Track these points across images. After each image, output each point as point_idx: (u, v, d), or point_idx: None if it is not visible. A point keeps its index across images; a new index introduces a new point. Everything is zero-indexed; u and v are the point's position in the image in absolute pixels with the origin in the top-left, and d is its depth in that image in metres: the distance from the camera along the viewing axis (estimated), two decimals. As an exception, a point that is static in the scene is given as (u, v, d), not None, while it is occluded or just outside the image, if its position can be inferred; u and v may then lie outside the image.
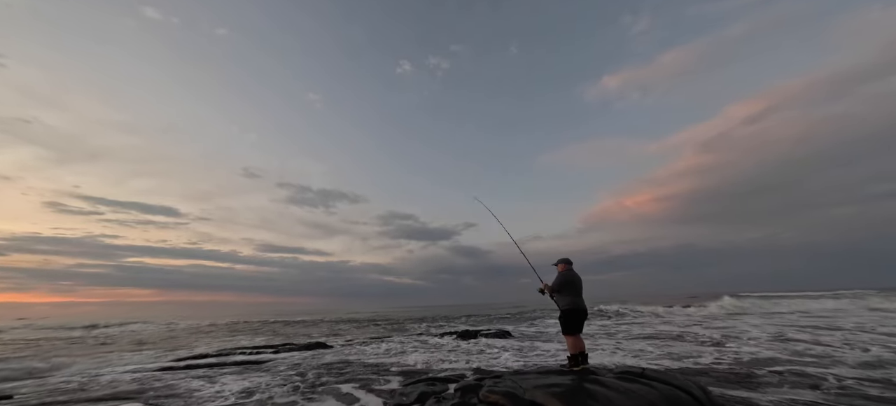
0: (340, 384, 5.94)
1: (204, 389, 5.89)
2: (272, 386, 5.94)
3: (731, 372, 5.68)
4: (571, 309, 4.29)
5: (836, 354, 6.69)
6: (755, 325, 12.17)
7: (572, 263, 4.66)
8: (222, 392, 5.68)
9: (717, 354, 7.23)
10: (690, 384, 3.58)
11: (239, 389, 5.75)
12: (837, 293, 24.38)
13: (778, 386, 4.75)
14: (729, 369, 5.88)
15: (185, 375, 7.22)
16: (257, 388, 5.79)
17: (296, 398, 5.17)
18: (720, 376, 5.36)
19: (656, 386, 3.35)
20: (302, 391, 5.55)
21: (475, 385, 4.26)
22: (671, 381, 3.52)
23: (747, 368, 5.87)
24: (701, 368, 6.03)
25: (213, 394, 5.60)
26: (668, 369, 5.81)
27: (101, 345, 14.15)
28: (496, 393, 3.58)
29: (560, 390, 3.23)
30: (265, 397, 5.30)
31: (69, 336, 17.43)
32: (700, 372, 5.70)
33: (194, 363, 8.87)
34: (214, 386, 6.10)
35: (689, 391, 3.34)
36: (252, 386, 5.98)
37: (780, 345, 8.09)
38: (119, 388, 6.31)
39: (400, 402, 4.51)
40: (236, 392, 5.63)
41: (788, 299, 21.90)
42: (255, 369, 7.72)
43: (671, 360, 6.90)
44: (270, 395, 5.40)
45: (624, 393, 3.12)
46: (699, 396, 3.32)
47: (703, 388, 3.59)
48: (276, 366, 8.07)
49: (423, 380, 5.36)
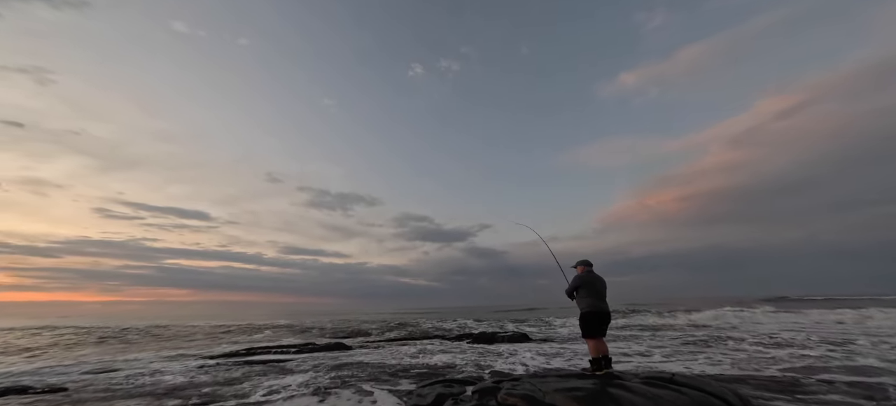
0: (359, 384, 6.02)
1: (234, 387, 6.16)
2: (292, 385, 6.12)
3: (773, 379, 5.25)
4: (590, 311, 4.14)
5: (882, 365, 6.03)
6: (803, 329, 11.22)
7: (592, 265, 4.52)
8: (251, 390, 5.92)
9: (758, 360, 6.72)
10: (726, 391, 3.32)
11: (265, 390, 5.97)
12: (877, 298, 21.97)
13: (825, 394, 4.33)
14: (770, 376, 5.44)
15: (217, 371, 7.59)
16: (281, 387, 5.99)
17: (316, 398, 5.29)
18: (759, 384, 4.96)
19: (687, 392, 3.14)
20: (322, 391, 5.68)
21: (493, 387, 4.17)
22: (704, 388, 3.28)
23: (793, 375, 5.41)
24: (738, 375, 5.62)
25: (242, 391, 5.84)
26: (702, 374, 5.46)
27: (149, 340, 15.19)
28: (514, 395, 3.49)
29: (581, 394, 3.10)
30: (288, 395, 5.46)
31: (114, 333, 18.84)
32: (737, 379, 5.30)
33: (224, 361, 9.31)
34: (242, 384, 6.37)
35: (725, 398, 3.10)
36: (276, 384, 6.20)
37: (829, 354, 7.40)
38: (162, 383, 6.72)
39: (417, 402, 4.49)
40: (263, 391, 5.85)
41: (833, 305, 19.97)
42: (278, 368, 7.99)
43: (710, 365, 6.48)
44: (292, 394, 5.57)
45: (651, 399, 2.94)
46: (733, 402, 3.08)
47: (739, 395, 3.32)
48: (298, 365, 8.31)
49: (441, 381, 5.32)
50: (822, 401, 4.14)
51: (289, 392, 5.66)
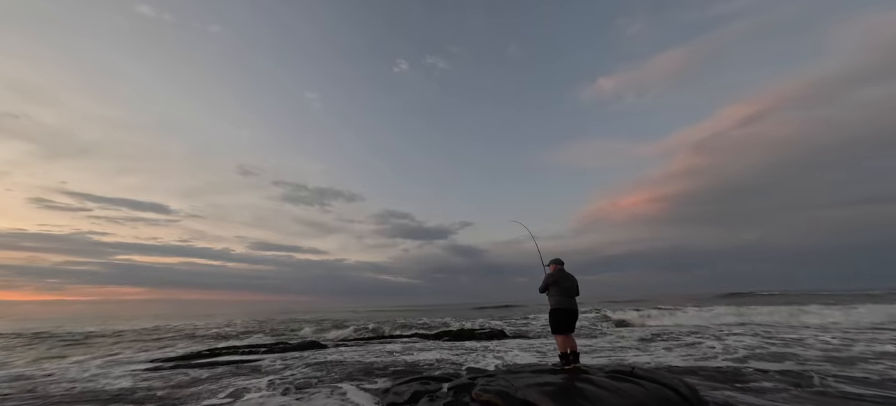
0: (333, 383, 5.93)
1: (193, 389, 5.82)
2: (262, 385, 5.90)
3: (718, 370, 5.81)
4: (559, 308, 4.37)
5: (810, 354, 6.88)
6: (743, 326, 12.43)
7: (564, 264, 4.74)
8: (213, 392, 5.63)
9: (705, 352, 7.38)
10: (678, 382, 3.65)
11: (230, 390, 5.70)
12: (821, 295, 24.83)
13: (759, 382, 4.88)
14: (716, 367, 6.02)
15: (175, 374, 7.13)
16: (248, 388, 5.74)
17: (286, 399, 5.14)
18: (708, 375, 5.48)
19: (645, 384, 3.42)
20: (294, 391, 5.52)
21: (468, 383, 4.29)
22: (659, 379, 3.59)
23: (736, 366, 6.02)
24: (690, 367, 6.16)
25: (200, 393, 5.54)
26: (658, 367, 5.92)
27: (86, 343, 13.87)
28: (489, 391, 3.61)
29: (551, 389, 3.28)
30: (256, 397, 5.26)
31: (53, 334, 17.05)
32: (688, 370, 5.81)
33: (184, 363, 8.76)
34: (202, 386, 6.04)
35: (677, 389, 3.42)
36: (243, 386, 5.93)
37: (769, 345, 8.29)
38: (105, 388, 6.21)
39: (393, 401, 4.51)
40: (227, 392, 5.58)
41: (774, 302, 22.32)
42: (246, 369, 7.66)
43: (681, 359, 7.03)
44: (261, 394, 5.37)
45: (614, 391, 3.18)
46: (686, 394, 3.40)
47: (689, 386, 3.67)
48: (268, 365, 8.01)
49: (417, 379, 5.37)
50: (756, 388, 4.66)
51: (256, 393, 5.44)
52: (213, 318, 28.75)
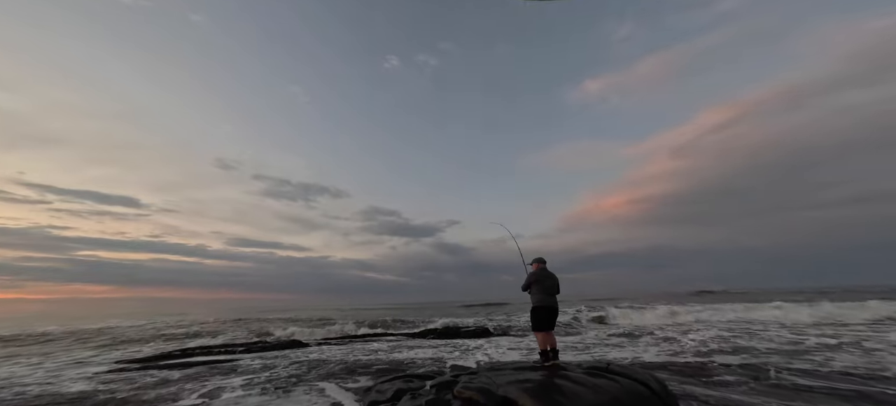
0: (314, 382, 5.84)
1: (161, 390, 5.57)
2: (238, 385, 5.72)
3: (687, 364, 6.16)
4: (540, 306, 4.48)
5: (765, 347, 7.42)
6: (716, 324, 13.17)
7: (546, 262, 4.86)
8: (183, 393, 5.41)
9: (676, 349, 7.79)
10: (650, 377, 3.85)
11: (203, 390, 5.50)
12: (783, 292, 26.60)
13: (722, 376, 5.21)
14: (685, 362, 6.38)
15: (142, 376, 6.80)
16: (223, 388, 5.56)
17: (264, 398, 5.02)
18: (677, 370, 5.79)
19: (619, 379, 3.57)
20: (273, 391, 5.40)
21: (451, 381, 4.34)
22: (633, 375, 3.76)
23: (702, 361, 6.39)
24: (661, 362, 6.48)
25: (168, 395, 5.31)
26: (632, 362, 6.20)
27: (43, 344, 12.95)
28: (471, 389, 3.67)
29: (531, 386, 3.37)
30: (232, 397, 5.10)
31: (4, 337, 15.80)
32: (659, 365, 6.13)
33: (153, 363, 8.37)
34: (172, 387, 5.79)
35: (648, 384, 3.60)
36: (218, 386, 5.74)
37: (735, 341, 8.83)
38: (61, 391, 5.84)
39: (375, 399, 4.50)
40: (200, 393, 5.38)
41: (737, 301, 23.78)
42: (222, 369, 7.41)
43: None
44: (237, 395, 5.21)
45: (590, 387, 3.31)
46: (656, 389, 3.58)
47: (660, 381, 3.87)
48: (246, 365, 7.78)
49: (400, 376, 5.37)
50: (719, 382, 4.98)
51: (231, 393, 5.27)
52: (187, 317, 27.48)
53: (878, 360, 5.99)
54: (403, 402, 4.07)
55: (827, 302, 16.37)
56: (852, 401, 3.99)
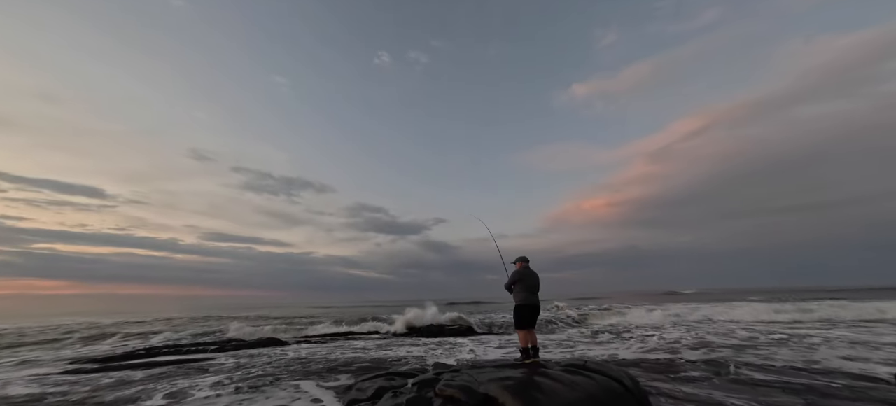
0: (292, 380, 5.68)
1: (121, 392, 5.24)
2: (208, 385, 5.47)
3: (657, 361, 6.48)
4: (524, 304, 4.57)
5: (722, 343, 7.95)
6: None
7: (529, 261, 4.96)
8: (146, 395, 5.11)
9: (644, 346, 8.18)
10: (623, 374, 4.02)
11: (169, 391, 5.22)
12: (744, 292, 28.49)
13: (688, 372, 5.54)
14: (655, 359, 6.71)
15: (101, 377, 6.38)
16: (191, 389, 5.29)
17: (236, 398, 4.83)
18: (648, 367, 6.09)
19: (595, 377, 3.72)
20: (247, 390, 5.20)
21: (433, 379, 4.35)
22: (608, 372, 3.92)
23: (670, 358, 6.76)
24: (633, 359, 6.79)
25: (131, 396, 5.00)
26: (608, 360, 6.45)
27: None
28: (452, 386, 3.70)
29: (512, 383, 3.44)
30: (201, 397, 4.88)
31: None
32: (632, 363, 6.42)
33: (113, 364, 7.87)
34: (132, 389, 5.46)
35: (622, 381, 3.76)
36: (186, 386, 5.46)
37: (703, 338, 9.38)
38: (4, 395, 5.38)
39: (355, 397, 4.45)
40: (166, 393, 5.11)
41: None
42: (191, 368, 7.07)
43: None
44: (206, 396, 4.98)
45: (568, 385, 3.42)
46: (629, 386, 3.75)
47: (632, 378, 4.06)
48: (218, 364, 7.47)
49: (382, 374, 5.33)
50: (685, 377, 5.28)
51: (200, 393, 5.03)
52: (153, 315, 25.94)
53: (817, 355, 6.56)
54: (384, 400, 4.05)
55: (781, 303, 17.72)
56: (801, 393, 4.34)
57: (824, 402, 4.03)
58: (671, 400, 4.22)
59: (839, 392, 4.37)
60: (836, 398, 4.15)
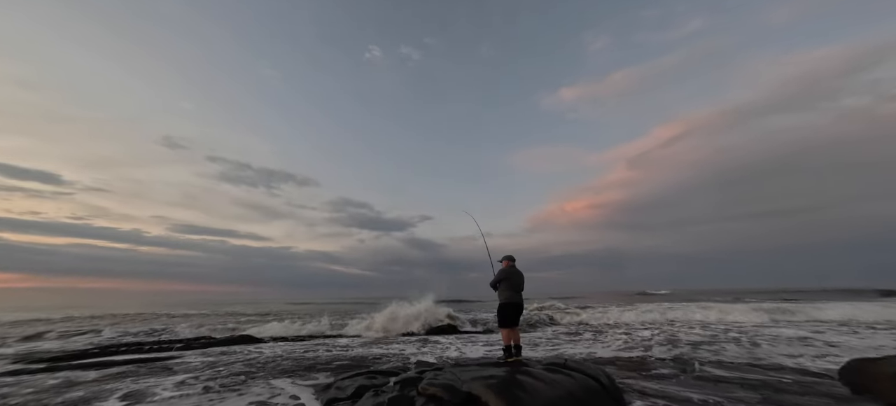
0: (268, 378, 5.46)
1: (70, 394, 4.82)
2: (174, 385, 5.14)
3: (630, 359, 6.79)
4: (509, 303, 4.62)
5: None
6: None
7: (515, 260, 5.02)
8: (100, 396, 4.73)
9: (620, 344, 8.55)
10: (600, 372, 4.18)
11: (126, 391, 4.85)
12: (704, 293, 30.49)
13: (658, 369, 5.84)
14: (628, 357, 7.03)
15: (48, 377, 5.85)
16: (151, 390, 4.92)
17: (206, 398, 4.57)
18: (622, 365, 6.36)
19: (574, 375, 3.83)
20: (217, 390, 4.94)
21: (416, 377, 4.32)
22: (586, 371, 4.06)
23: (642, 356, 7.10)
24: (609, 358, 7.07)
25: (83, 398, 4.62)
26: (587, 358, 6.68)
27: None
28: (435, 385, 3.69)
29: (495, 382, 3.48)
30: (165, 397, 4.57)
31: None
32: (608, 361, 6.68)
33: (64, 363, 7.24)
34: (84, 390, 5.04)
35: (599, 379, 3.90)
36: (143, 388, 5.08)
37: (672, 338, 9.91)
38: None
39: (335, 396, 4.34)
40: (122, 394, 4.74)
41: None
42: (153, 367, 6.63)
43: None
44: (170, 395, 4.66)
45: (549, 383, 3.50)
46: (606, 383, 3.90)
47: (609, 376, 4.22)
48: (184, 363, 7.05)
49: (363, 373, 5.23)
50: (655, 374, 5.56)
51: (164, 393, 4.71)
52: (112, 310, 24.13)
53: (761, 351, 7.16)
54: (365, 398, 3.97)
55: (743, 303, 19.10)
56: (758, 389, 4.68)
57: (777, 396, 4.36)
58: (643, 396, 4.43)
59: (790, 387, 4.75)
60: (787, 393, 4.51)
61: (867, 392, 4.33)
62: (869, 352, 6.82)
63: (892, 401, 3.93)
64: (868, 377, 4.46)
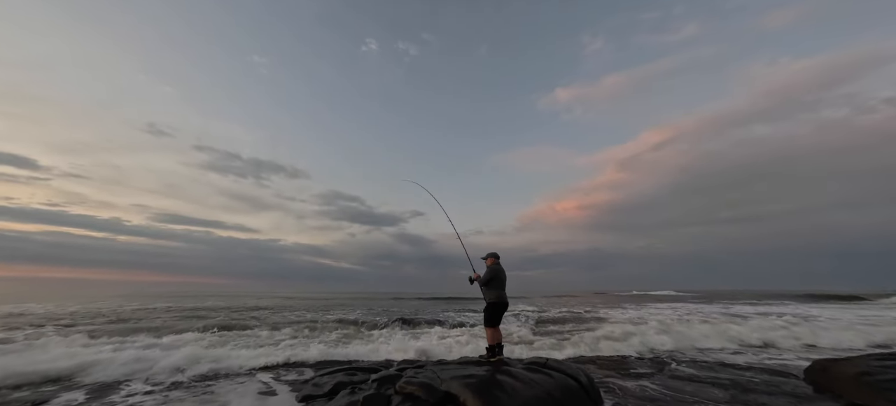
0: (244, 375, 5.32)
1: (26, 393, 4.56)
2: (140, 380, 4.91)
3: (610, 359, 6.93)
4: (496, 302, 4.54)
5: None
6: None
7: (499, 258, 4.93)
8: (58, 395, 4.50)
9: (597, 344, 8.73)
10: (579, 371, 4.22)
11: (89, 389, 4.62)
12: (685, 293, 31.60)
13: (637, 368, 5.99)
14: (608, 356, 7.18)
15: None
16: (118, 384, 4.70)
17: (179, 394, 4.40)
18: (603, 364, 6.49)
19: (554, 375, 3.85)
20: (188, 385, 4.76)
21: (395, 375, 4.27)
22: (566, 370, 4.09)
23: (622, 355, 7.27)
24: (591, 357, 7.20)
25: (32, 398, 4.36)
26: (567, 358, 6.77)
27: None
28: (414, 383, 3.65)
29: (474, 381, 3.46)
30: (135, 389, 4.38)
31: None
32: (589, 360, 6.80)
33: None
34: (54, 387, 4.80)
35: (578, 378, 3.94)
36: (109, 380, 4.83)
37: (654, 337, 10.17)
38: None
39: (311, 392, 4.26)
40: (87, 390, 4.52)
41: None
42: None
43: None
44: (144, 391, 4.48)
45: (528, 383, 3.50)
46: (584, 382, 3.94)
47: (588, 375, 4.27)
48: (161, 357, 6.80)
49: (343, 369, 5.15)
50: (633, 373, 5.69)
51: (129, 387, 4.52)
52: (89, 302, 23.12)
53: (734, 351, 7.42)
54: (341, 396, 3.91)
55: (712, 304, 19.85)
56: (728, 388, 4.84)
57: (746, 396, 4.52)
58: (621, 395, 4.51)
59: (758, 386, 4.93)
60: (755, 391, 4.68)
61: (828, 391, 4.53)
62: (839, 353, 7.19)
63: (853, 400, 4.13)
64: (831, 377, 4.67)
